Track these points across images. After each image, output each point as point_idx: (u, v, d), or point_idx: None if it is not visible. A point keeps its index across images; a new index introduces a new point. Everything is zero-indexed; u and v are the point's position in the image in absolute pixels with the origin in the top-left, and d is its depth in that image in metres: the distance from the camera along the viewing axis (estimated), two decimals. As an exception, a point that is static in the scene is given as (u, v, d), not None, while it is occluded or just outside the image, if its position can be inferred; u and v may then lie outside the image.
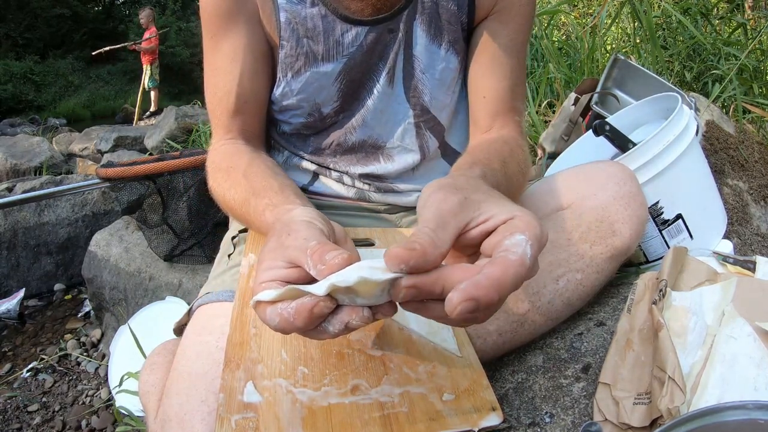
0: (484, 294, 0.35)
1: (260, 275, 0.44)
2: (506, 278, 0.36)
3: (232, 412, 0.46)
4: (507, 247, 0.38)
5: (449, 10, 0.72)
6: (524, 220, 0.40)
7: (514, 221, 0.40)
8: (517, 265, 0.37)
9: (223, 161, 0.71)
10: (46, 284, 2.45)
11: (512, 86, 0.76)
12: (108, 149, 4.55)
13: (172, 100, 9.59)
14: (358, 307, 0.41)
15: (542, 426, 0.60)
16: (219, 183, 0.69)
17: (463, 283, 0.36)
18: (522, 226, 0.39)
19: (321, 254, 0.42)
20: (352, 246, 0.51)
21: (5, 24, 15.40)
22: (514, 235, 0.39)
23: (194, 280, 1.74)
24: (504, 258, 0.37)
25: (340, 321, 0.41)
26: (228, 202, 0.67)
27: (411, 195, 0.83)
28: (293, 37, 0.70)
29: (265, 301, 0.42)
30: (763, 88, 1.86)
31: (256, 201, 0.61)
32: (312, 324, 0.41)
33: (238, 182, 0.66)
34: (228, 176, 0.68)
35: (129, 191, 1.72)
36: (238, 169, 0.68)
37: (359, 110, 0.76)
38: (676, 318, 0.61)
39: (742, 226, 1.18)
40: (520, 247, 0.38)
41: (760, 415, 0.39)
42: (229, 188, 0.67)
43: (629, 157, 0.90)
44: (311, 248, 0.43)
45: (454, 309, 0.36)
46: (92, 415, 1.65)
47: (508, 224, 0.40)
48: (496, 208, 0.42)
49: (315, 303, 0.39)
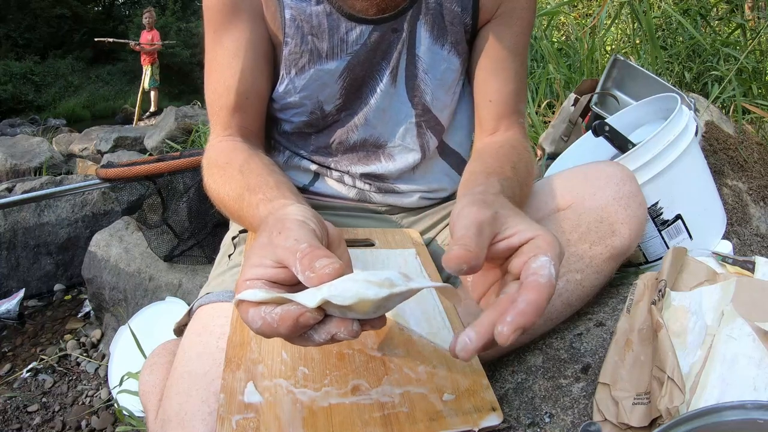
0: (528, 320, 0.39)
1: (246, 272, 0.43)
2: (542, 301, 0.40)
3: (232, 412, 0.47)
4: (535, 270, 0.42)
5: (453, 11, 0.72)
6: (546, 240, 0.44)
7: (537, 241, 0.44)
8: (548, 287, 0.41)
9: (219, 158, 0.70)
10: (46, 284, 2.45)
11: (516, 89, 0.77)
12: (108, 150, 4.56)
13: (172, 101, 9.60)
14: (348, 320, 0.40)
15: (542, 426, 0.60)
16: (214, 179, 0.68)
17: (509, 315, 0.39)
18: (545, 247, 0.43)
19: (311, 260, 0.41)
20: (345, 249, 0.50)
21: (5, 24, 15.39)
22: (539, 257, 0.42)
23: (194, 280, 1.74)
24: (536, 282, 0.41)
25: (327, 332, 0.40)
26: (222, 198, 0.66)
27: (411, 196, 0.83)
28: (298, 34, 0.70)
29: (248, 300, 0.40)
30: (762, 89, 1.86)
31: (250, 196, 0.60)
32: (296, 333, 0.40)
33: (233, 177, 0.64)
34: (224, 172, 0.67)
35: (129, 191, 1.72)
36: (234, 165, 0.66)
37: (361, 109, 0.76)
38: (675, 318, 0.61)
39: (741, 227, 1.18)
40: (546, 269, 0.42)
41: (760, 415, 0.39)
42: (224, 184, 0.65)
43: (629, 158, 0.90)
44: (301, 251, 0.42)
45: (507, 340, 0.39)
46: (92, 415, 1.65)
47: (531, 244, 0.44)
48: (520, 225, 0.46)
49: (301, 312, 0.39)
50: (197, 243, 1.76)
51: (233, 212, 0.65)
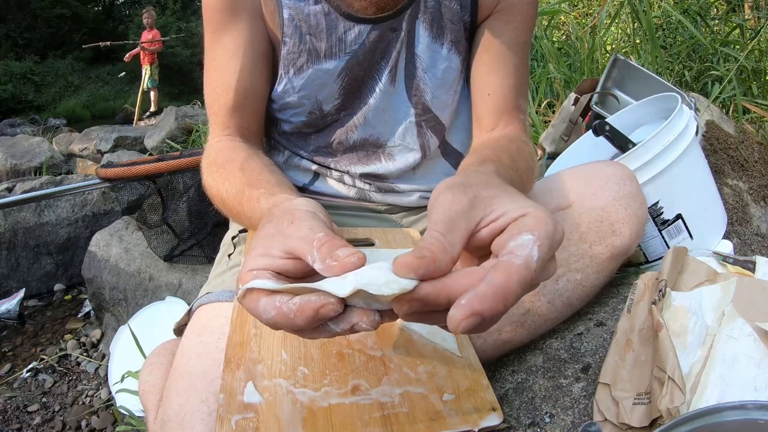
0: (488, 307, 0.33)
1: (251, 262, 0.41)
2: (510, 286, 0.33)
3: (232, 412, 0.46)
4: (511, 249, 0.35)
5: (452, 9, 0.72)
6: (536, 217, 0.37)
7: (525, 219, 0.37)
8: (521, 270, 0.34)
9: (219, 156, 0.69)
10: (46, 284, 2.45)
11: (516, 84, 0.75)
12: (108, 149, 4.55)
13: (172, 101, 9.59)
14: (371, 311, 0.37)
15: (542, 426, 0.60)
16: (214, 177, 0.67)
17: (465, 297, 0.33)
18: (532, 224, 0.36)
19: (330, 248, 0.39)
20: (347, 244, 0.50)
21: (5, 24, 15.40)
22: (521, 234, 0.36)
23: (194, 280, 1.74)
24: (507, 263, 0.34)
25: (348, 322, 0.37)
26: (221, 195, 0.65)
27: (412, 195, 0.83)
28: (296, 33, 0.70)
29: (260, 289, 0.38)
30: (762, 88, 1.86)
31: (250, 191, 0.59)
32: (313, 324, 0.37)
33: (234, 175, 0.64)
34: (224, 170, 0.66)
35: (129, 191, 1.73)
36: (234, 163, 0.66)
37: (361, 108, 0.76)
38: (675, 318, 0.61)
39: (741, 226, 1.18)
40: (526, 249, 0.35)
41: (760, 415, 0.39)
42: (224, 181, 0.65)
43: (629, 157, 0.90)
44: (319, 240, 0.40)
45: (457, 326, 0.33)
46: (92, 415, 1.65)
47: (518, 222, 0.37)
48: (507, 205, 0.39)
49: (323, 304, 0.36)
50: (197, 243, 1.76)
51: (232, 209, 0.64)
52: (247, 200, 0.59)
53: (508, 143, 0.69)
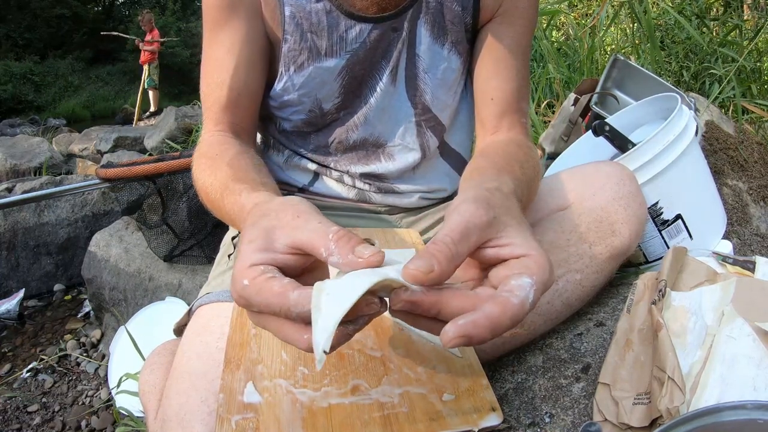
0: (479, 333, 0.37)
1: (250, 257, 0.40)
2: (503, 320, 0.37)
3: (232, 412, 0.47)
4: (512, 288, 0.39)
5: (453, 10, 0.72)
6: (537, 262, 0.41)
7: (528, 260, 0.41)
8: (516, 308, 0.38)
9: (209, 150, 0.69)
10: (45, 284, 2.45)
11: (518, 87, 0.76)
12: (108, 150, 4.55)
13: (172, 101, 9.60)
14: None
15: (542, 426, 0.60)
16: (202, 169, 0.67)
17: (462, 319, 0.37)
18: (533, 268, 0.40)
19: (349, 242, 0.39)
20: None
21: (5, 24, 15.40)
22: (522, 276, 0.39)
23: (194, 280, 1.74)
24: (506, 300, 0.38)
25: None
26: (206, 188, 0.64)
27: (411, 196, 0.83)
28: (297, 31, 0.70)
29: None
30: (762, 88, 1.86)
31: (234, 185, 0.58)
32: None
33: (221, 168, 0.63)
34: (212, 163, 0.65)
35: (129, 192, 1.73)
36: (223, 157, 0.65)
37: (361, 108, 0.76)
38: (675, 318, 0.61)
39: (741, 227, 1.18)
40: (524, 291, 0.39)
41: (760, 415, 0.39)
42: (210, 174, 0.64)
43: (629, 158, 0.90)
44: (336, 233, 0.40)
45: (449, 341, 0.37)
46: (92, 415, 1.65)
47: (521, 261, 0.41)
48: (517, 239, 0.42)
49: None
50: (197, 243, 1.76)
51: (214, 201, 0.63)
52: (230, 193, 0.58)
53: (517, 150, 0.69)
